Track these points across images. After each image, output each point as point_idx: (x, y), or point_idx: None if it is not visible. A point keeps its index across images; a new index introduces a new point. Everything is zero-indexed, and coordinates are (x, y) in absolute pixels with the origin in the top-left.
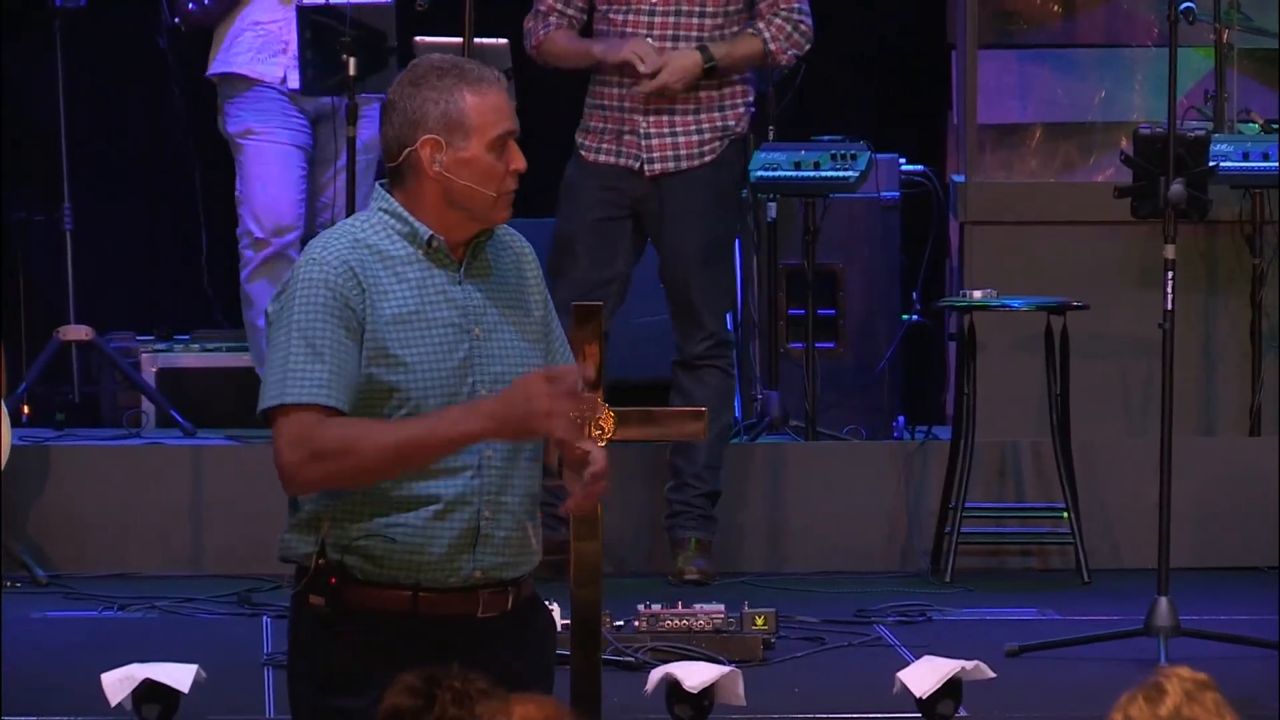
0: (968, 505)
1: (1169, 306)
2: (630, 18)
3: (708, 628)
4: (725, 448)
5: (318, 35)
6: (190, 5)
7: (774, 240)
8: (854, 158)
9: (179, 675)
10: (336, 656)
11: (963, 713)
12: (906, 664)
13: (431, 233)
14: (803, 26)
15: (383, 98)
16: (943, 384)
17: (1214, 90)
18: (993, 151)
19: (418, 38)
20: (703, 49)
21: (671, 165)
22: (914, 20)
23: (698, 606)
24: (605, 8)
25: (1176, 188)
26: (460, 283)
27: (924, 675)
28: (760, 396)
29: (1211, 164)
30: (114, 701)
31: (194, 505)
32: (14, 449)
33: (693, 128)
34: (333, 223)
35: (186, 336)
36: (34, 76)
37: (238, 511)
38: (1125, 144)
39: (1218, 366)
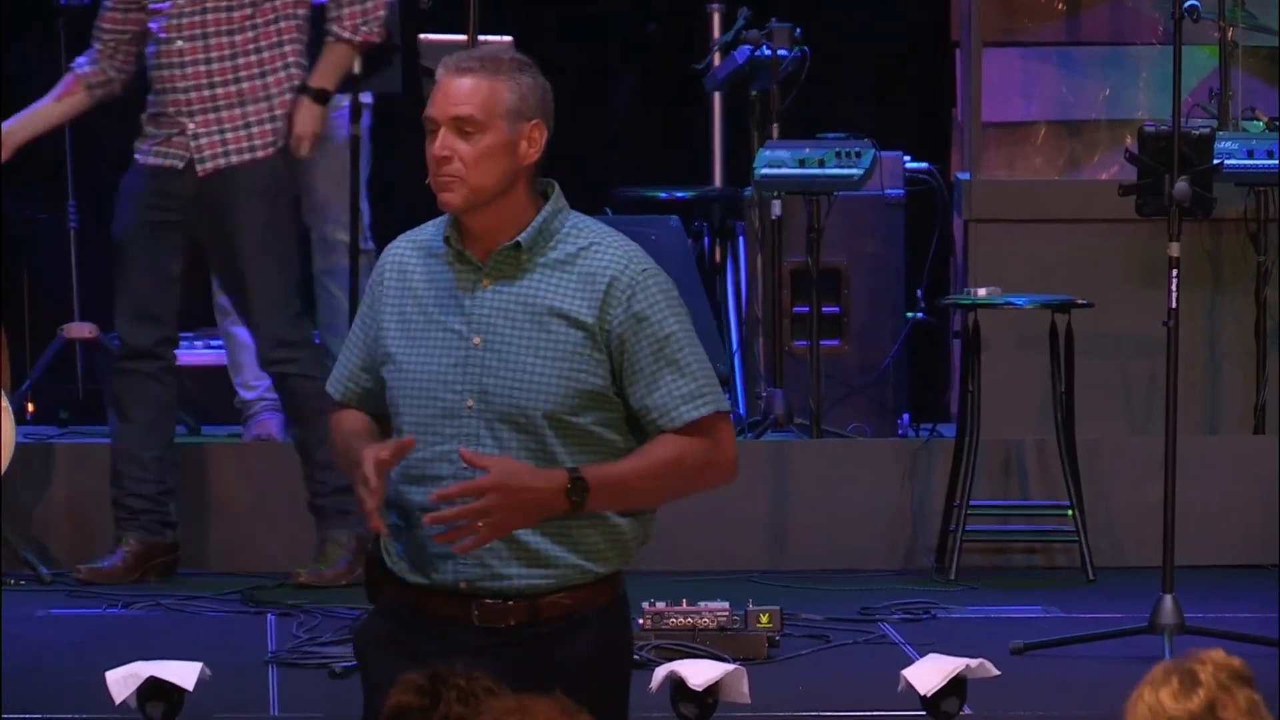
0: (972, 503)
1: (1173, 304)
2: (165, 22)
3: (712, 625)
4: None
5: (322, 34)
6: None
7: (778, 238)
8: (858, 155)
9: (183, 673)
10: (358, 639)
11: (967, 711)
12: (911, 662)
13: (447, 232)
14: (368, 3)
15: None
16: (947, 382)
17: (1218, 88)
18: (997, 149)
19: (422, 36)
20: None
21: (223, 162)
22: (919, 18)
23: (702, 604)
24: (147, 16)
25: (1181, 185)
26: (475, 288)
27: (929, 673)
28: (765, 394)
29: (1216, 162)
30: (118, 699)
31: (198, 502)
32: (18, 446)
33: (239, 122)
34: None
35: (190, 334)
36: (38, 74)
37: (242, 508)
38: (1130, 142)
39: (1222, 364)
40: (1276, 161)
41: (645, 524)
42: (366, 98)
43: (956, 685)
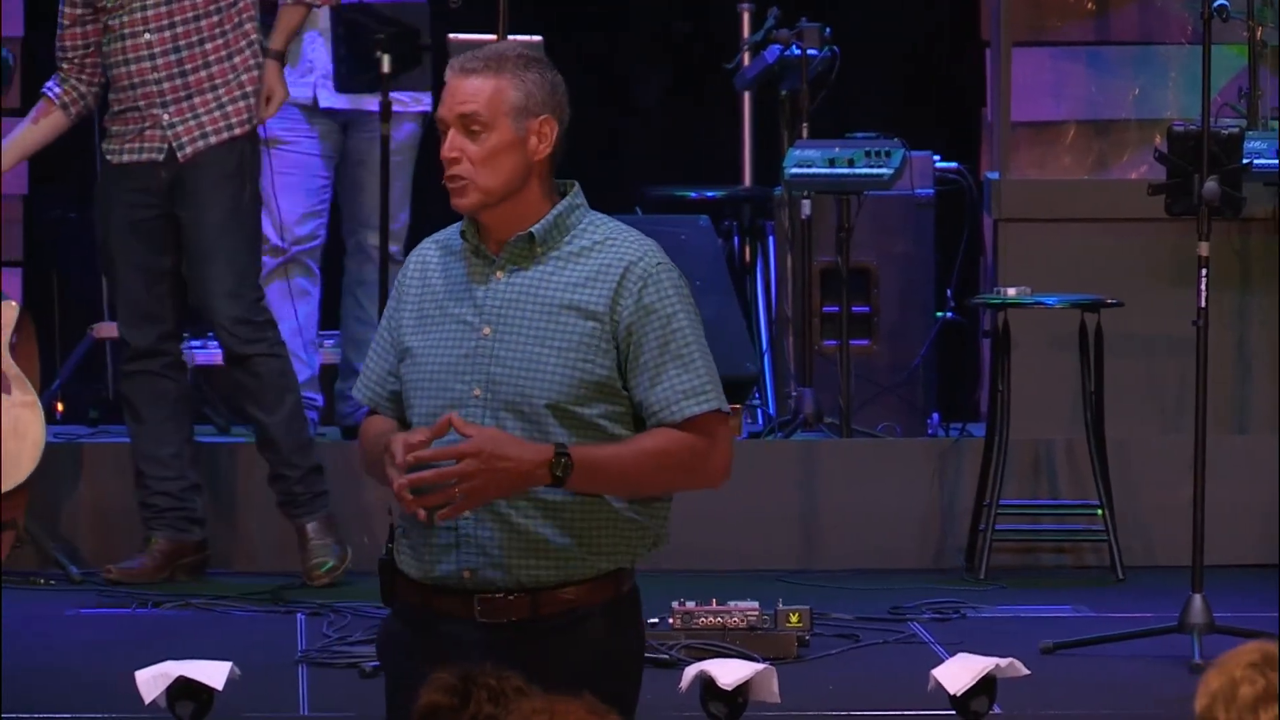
0: (1002, 502)
1: (1202, 304)
2: (126, 18)
3: (742, 625)
4: (303, 424)
5: (352, 33)
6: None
7: (808, 238)
8: (888, 155)
9: (213, 673)
10: (377, 639)
11: (997, 710)
12: (940, 661)
13: (462, 226)
14: None
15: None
16: (977, 381)
17: (1248, 87)
18: (1027, 149)
19: (452, 35)
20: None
21: (201, 144)
22: (948, 17)
23: (732, 604)
24: (106, 18)
25: (1210, 185)
26: (488, 281)
27: (958, 672)
28: (794, 394)
29: (1245, 161)
30: (148, 699)
31: (228, 502)
32: (48, 446)
33: (213, 104)
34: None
35: None
36: None
37: (272, 508)
38: (1159, 141)
39: (1251, 364)
40: None
41: (658, 525)
42: (421, 106)
43: (986, 685)
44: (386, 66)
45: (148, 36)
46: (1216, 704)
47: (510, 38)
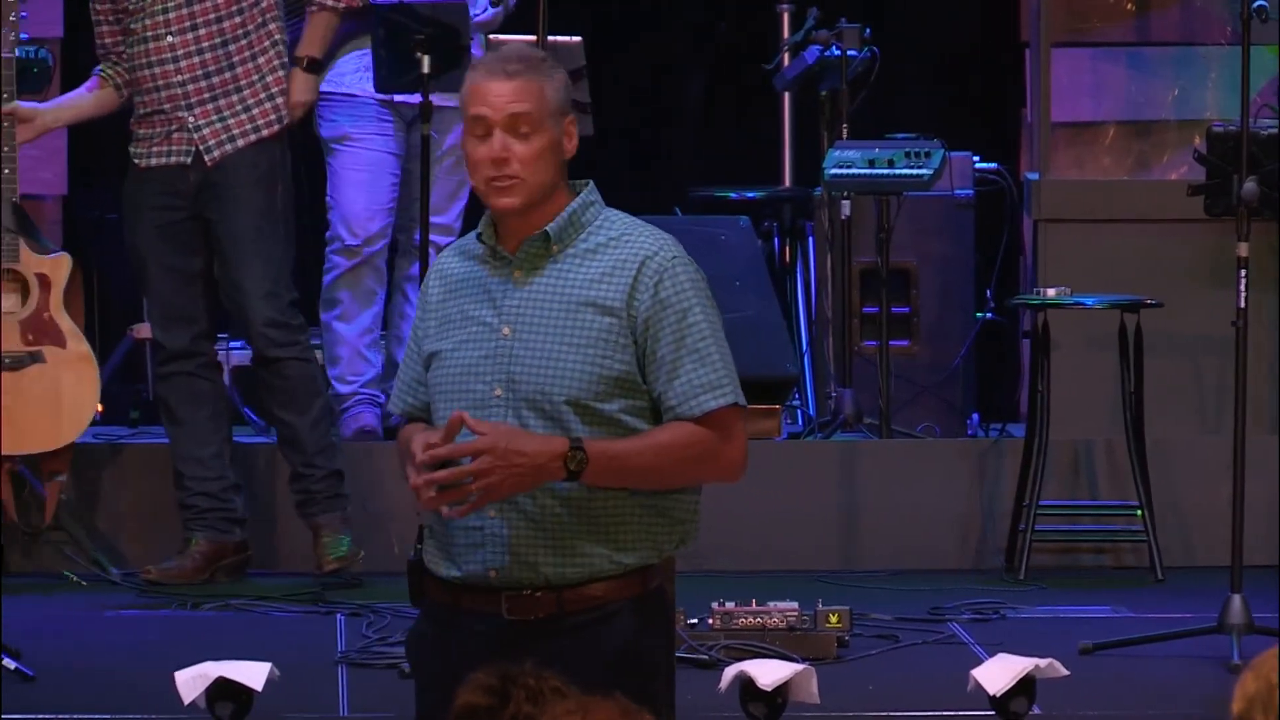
0: (1041, 503)
1: (1242, 304)
2: (148, 21)
3: (781, 625)
4: (328, 428)
5: (392, 34)
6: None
7: (848, 238)
8: (928, 156)
9: (252, 673)
10: (408, 645)
11: (1036, 710)
12: (980, 662)
13: (480, 229)
14: None
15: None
16: (1016, 381)
17: None
18: (1066, 149)
19: (492, 35)
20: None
21: (229, 147)
22: (988, 18)
23: (772, 604)
24: (128, 20)
25: (1250, 185)
26: (507, 280)
27: (998, 673)
28: (834, 394)
29: None
30: (187, 700)
31: (269, 502)
32: (88, 447)
33: (239, 106)
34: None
35: None
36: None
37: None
38: (1198, 142)
39: None
40: None
41: (685, 522)
42: None
43: (1025, 685)
44: (426, 67)
45: (170, 39)
46: (1254, 708)
47: (550, 39)
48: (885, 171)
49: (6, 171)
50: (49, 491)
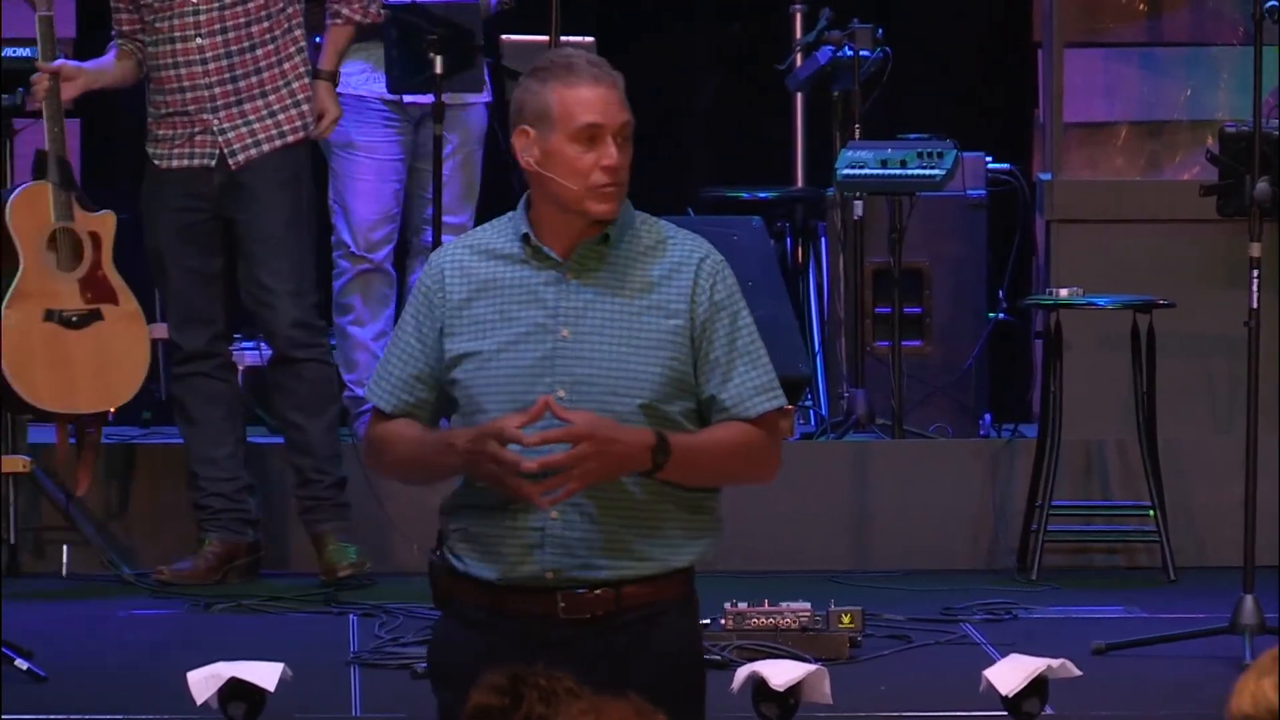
0: (1054, 503)
1: (1254, 304)
2: (176, 22)
3: (794, 626)
4: (338, 434)
5: (404, 34)
6: None
7: (860, 238)
8: (940, 156)
9: (265, 674)
10: (431, 648)
11: (1049, 711)
12: (992, 662)
13: (528, 230)
14: None
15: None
16: (1029, 382)
17: None
18: (1079, 150)
19: (504, 36)
20: None
21: (254, 152)
22: (1000, 18)
23: (784, 604)
24: (151, 17)
25: (1262, 186)
26: (561, 283)
27: (1010, 673)
28: (847, 395)
29: None
30: (199, 700)
31: (281, 503)
32: (101, 447)
33: (264, 111)
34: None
35: None
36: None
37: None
38: (1211, 142)
39: None
40: None
41: (716, 523)
42: (488, 96)
43: (1038, 686)
44: (439, 68)
45: (199, 41)
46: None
47: (562, 39)
48: (898, 172)
49: (55, 129)
50: (85, 458)
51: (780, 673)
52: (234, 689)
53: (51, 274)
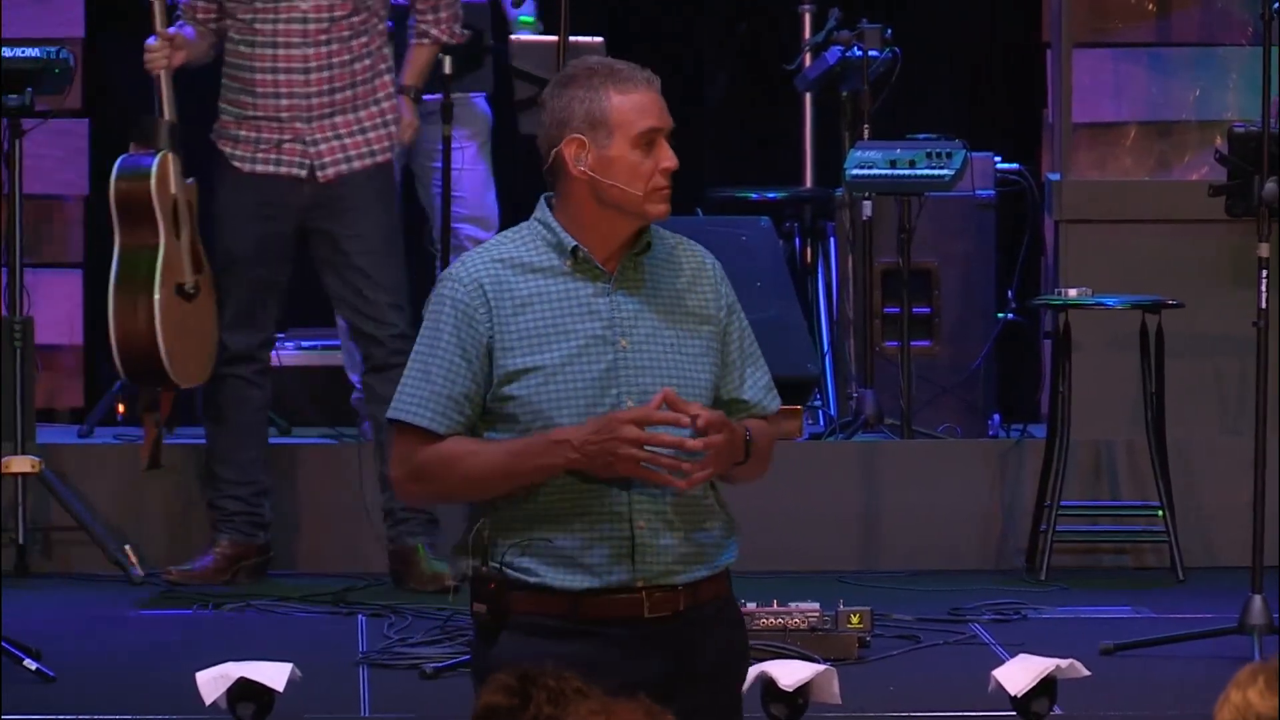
0: (1062, 503)
1: (1263, 305)
2: (280, 26)
3: (803, 626)
4: None
5: (411, 35)
6: None
7: (869, 239)
8: (949, 156)
9: (274, 674)
10: (498, 662)
11: (1057, 711)
12: (1001, 662)
13: (576, 243)
14: (456, 6)
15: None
16: (1038, 382)
17: None
18: (1088, 150)
19: (514, 37)
20: None
21: (345, 168)
22: (1009, 19)
23: (793, 605)
24: (249, 17)
25: (1271, 186)
26: (610, 294)
27: (1019, 673)
28: (855, 395)
29: None
30: (208, 700)
31: (290, 503)
32: (108, 447)
33: (355, 127)
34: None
35: (282, 334)
36: (129, 75)
37: (334, 509)
38: (1220, 142)
39: None
40: None
41: (735, 521)
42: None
43: (1046, 686)
44: (448, 68)
45: (305, 50)
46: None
47: (571, 39)
48: (906, 172)
49: (170, 95)
50: (150, 430)
51: (789, 673)
52: (243, 689)
53: (175, 245)
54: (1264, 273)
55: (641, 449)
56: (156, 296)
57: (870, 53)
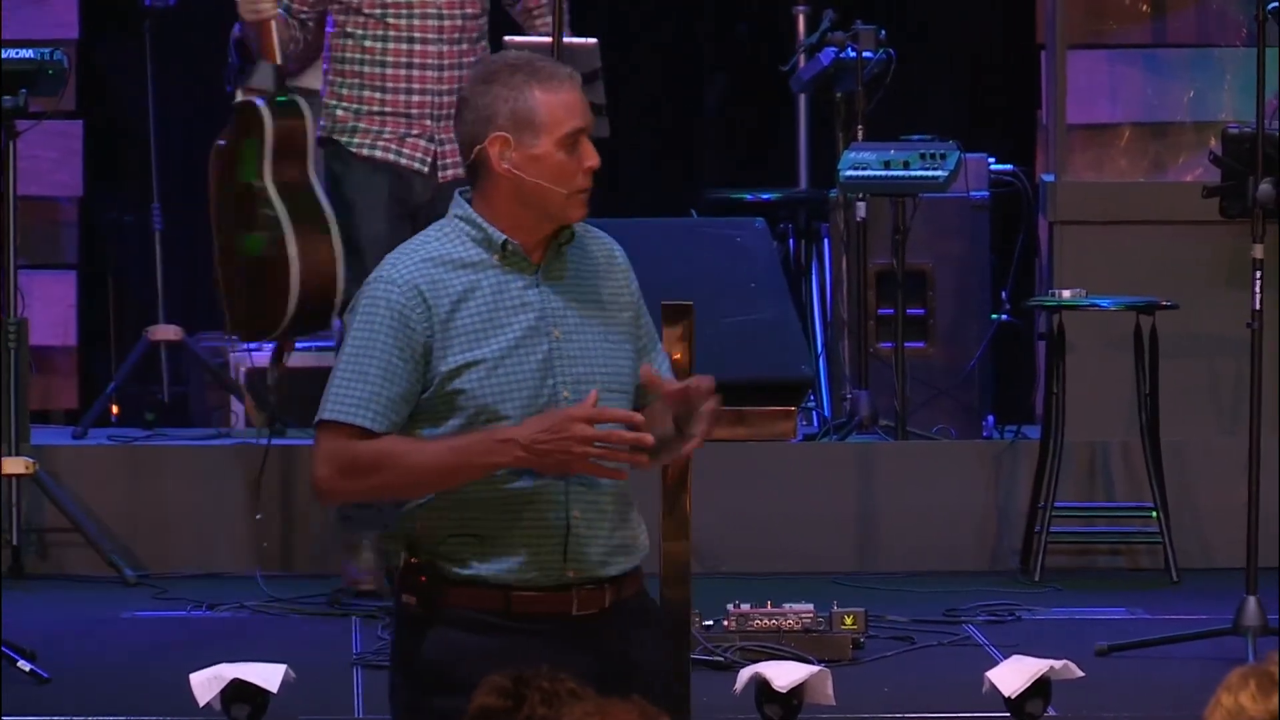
0: (1057, 505)
1: (1257, 306)
2: (416, 22)
3: (797, 627)
4: None
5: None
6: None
7: (863, 240)
8: (943, 157)
9: (268, 675)
10: (429, 655)
11: (1052, 712)
12: (995, 663)
13: (505, 237)
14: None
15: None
16: (1032, 383)
17: None
18: (1082, 151)
19: (507, 37)
20: None
21: (460, 171)
22: (1004, 20)
23: (787, 606)
24: (380, 12)
25: (1265, 187)
26: (538, 285)
27: (1013, 675)
28: (850, 396)
29: None
30: (202, 701)
31: (283, 505)
32: (103, 448)
33: None
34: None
35: None
36: (124, 77)
37: (327, 511)
38: (1214, 144)
39: None
40: None
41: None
42: None
43: (1041, 687)
44: None
45: (442, 48)
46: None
47: (566, 40)
48: (901, 173)
49: (277, 38)
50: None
51: (783, 674)
52: (237, 690)
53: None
54: (1258, 274)
55: (593, 447)
56: (334, 230)
57: (865, 54)
